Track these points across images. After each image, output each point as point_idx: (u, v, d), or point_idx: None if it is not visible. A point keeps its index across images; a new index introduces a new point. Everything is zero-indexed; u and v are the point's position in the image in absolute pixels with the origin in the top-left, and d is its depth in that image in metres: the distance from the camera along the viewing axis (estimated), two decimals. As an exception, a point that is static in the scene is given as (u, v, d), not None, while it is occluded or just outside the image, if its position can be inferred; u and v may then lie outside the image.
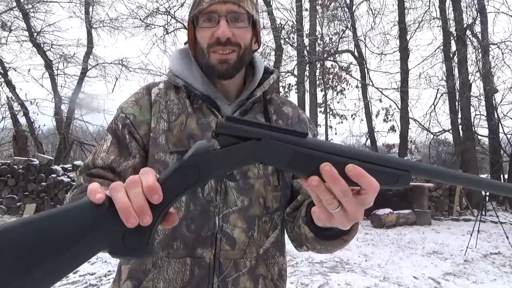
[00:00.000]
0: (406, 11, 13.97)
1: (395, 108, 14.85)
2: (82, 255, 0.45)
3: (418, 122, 14.57)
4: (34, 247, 0.42)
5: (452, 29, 13.11)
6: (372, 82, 15.25)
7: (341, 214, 0.53)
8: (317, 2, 13.92)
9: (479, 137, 14.17)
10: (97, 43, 19.00)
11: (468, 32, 12.83)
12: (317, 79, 14.57)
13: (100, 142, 0.91)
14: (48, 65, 13.39)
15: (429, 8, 14.03)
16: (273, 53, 13.96)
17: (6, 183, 10.16)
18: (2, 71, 12.93)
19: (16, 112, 12.85)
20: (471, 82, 12.91)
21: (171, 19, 13.58)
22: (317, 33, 14.12)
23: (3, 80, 12.87)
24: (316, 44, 14.10)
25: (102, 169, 0.84)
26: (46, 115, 13.78)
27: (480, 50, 12.73)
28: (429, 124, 14.71)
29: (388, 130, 15.30)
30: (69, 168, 10.56)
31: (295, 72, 13.87)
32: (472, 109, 13.08)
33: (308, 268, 4.87)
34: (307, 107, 13.80)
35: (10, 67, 13.13)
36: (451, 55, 13.21)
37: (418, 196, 9.25)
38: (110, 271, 4.60)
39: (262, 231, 0.88)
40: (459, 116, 12.74)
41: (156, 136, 0.88)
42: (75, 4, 13.98)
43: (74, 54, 14.13)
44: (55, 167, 10.33)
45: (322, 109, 15.73)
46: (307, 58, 13.10)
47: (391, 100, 14.90)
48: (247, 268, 0.86)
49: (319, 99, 15.18)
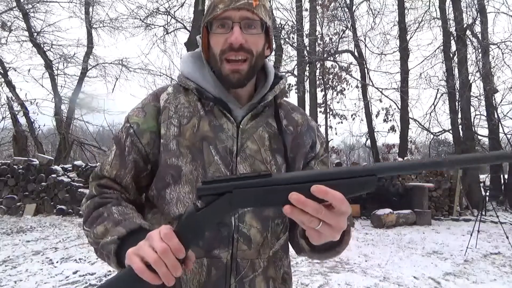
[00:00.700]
0: (406, 11, 13.98)
1: (395, 108, 14.87)
2: None
3: (418, 122, 14.58)
4: None
5: (452, 29, 13.11)
6: (372, 82, 15.26)
7: (326, 228, 0.59)
8: (317, 2, 13.92)
9: (479, 137, 14.18)
10: (97, 43, 19.03)
11: (468, 32, 12.84)
12: (317, 79, 14.57)
13: (108, 151, 0.94)
14: (48, 65, 13.39)
15: (429, 8, 14.05)
16: (273, 53, 13.95)
17: (6, 183, 10.17)
18: (2, 71, 12.94)
19: (16, 112, 12.86)
20: (471, 82, 12.91)
21: (171, 19, 13.60)
22: (317, 33, 14.12)
23: (3, 80, 12.88)
24: (316, 44, 14.10)
25: (109, 179, 0.89)
26: (46, 115, 13.79)
27: (480, 50, 12.73)
28: (429, 124, 14.73)
29: (388, 130, 15.31)
30: (69, 168, 10.56)
31: (295, 72, 13.87)
32: (472, 109, 13.09)
33: (308, 268, 4.87)
34: (307, 107, 13.80)
35: (10, 67, 13.14)
36: (451, 55, 13.21)
37: (418, 196, 9.25)
38: (110, 271, 4.60)
39: (274, 233, 0.90)
40: (459, 116, 12.74)
41: (167, 142, 0.88)
42: (75, 4, 14.00)
43: (74, 54, 14.16)
44: (55, 167, 10.34)
45: (322, 109, 15.72)
46: (307, 58, 13.10)
47: (391, 100, 14.91)
48: (262, 268, 0.87)
49: (319, 99, 15.19)
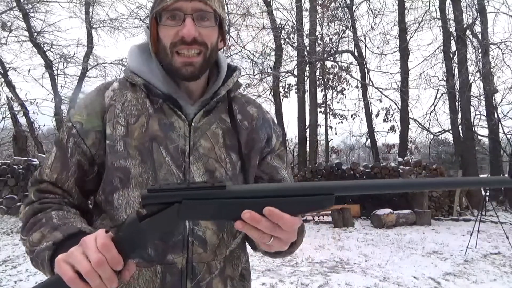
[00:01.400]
0: (406, 11, 13.99)
1: (395, 108, 14.88)
2: None
3: (418, 122, 14.59)
4: None
5: (452, 29, 13.12)
6: (372, 82, 15.27)
7: (276, 242, 0.58)
8: (317, 2, 13.93)
9: (479, 137, 14.18)
10: (97, 43, 19.03)
11: (468, 32, 12.84)
12: (317, 79, 14.58)
13: (47, 154, 0.88)
14: (48, 65, 13.39)
15: (429, 8, 14.06)
16: (273, 53, 13.97)
17: (6, 183, 10.18)
18: (2, 71, 12.94)
19: (16, 112, 12.86)
20: (471, 82, 12.92)
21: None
22: (317, 33, 14.14)
23: (3, 80, 12.87)
24: (316, 44, 14.11)
25: (50, 183, 0.83)
26: (46, 115, 13.81)
27: (480, 50, 12.73)
28: (429, 124, 14.74)
29: (388, 130, 15.32)
30: (69, 168, 10.55)
31: (295, 72, 13.88)
32: (472, 109, 13.11)
33: (308, 268, 4.87)
34: (307, 107, 13.81)
35: (10, 67, 13.14)
36: (451, 55, 13.22)
37: (418, 196, 9.25)
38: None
39: (230, 233, 0.86)
40: (459, 116, 12.74)
41: (114, 143, 0.82)
42: (75, 4, 13.98)
43: (74, 54, 14.14)
44: (55, 167, 10.32)
45: (322, 109, 15.74)
46: (307, 58, 13.10)
47: (391, 100, 14.93)
48: (218, 270, 0.84)
49: (319, 99, 15.20)
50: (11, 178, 10.20)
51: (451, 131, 13.60)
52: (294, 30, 13.54)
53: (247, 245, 0.94)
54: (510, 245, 5.75)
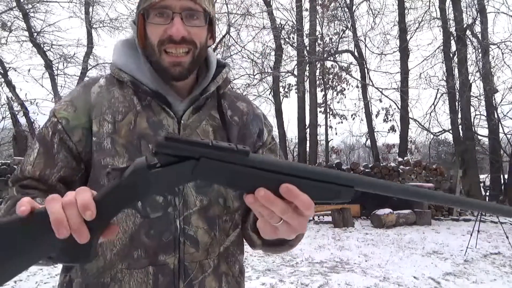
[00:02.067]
0: (406, 11, 13.99)
1: (395, 108, 14.88)
2: (21, 266, 0.49)
3: (418, 122, 14.59)
4: None
5: (452, 29, 13.12)
6: (372, 82, 15.26)
7: (284, 227, 0.54)
8: (317, 2, 13.93)
9: (479, 137, 14.18)
10: (97, 43, 19.03)
11: (468, 32, 12.85)
12: (317, 79, 14.58)
13: (28, 150, 0.83)
14: (48, 65, 13.38)
15: (429, 8, 14.05)
16: (273, 53, 13.97)
17: (6, 183, 10.16)
18: (2, 71, 12.94)
19: (16, 112, 12.85)
20: (471, 82, 12.92)
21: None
22: (317, 33, 14.13)
23: (3, 80, 12.87)
24: (316, 44, 14.11)
25: (33, 180, 0.79)
26: (46, 115, 13.73)
27: (480, 50, 12.74)
28: (429, 124, 14.73)
29: (388, 130, 15.32)
30: (69, 168, 10.56)
31: (295, 72, 13.88)
32: (472, 109, 13.11)
33: (308, 268, 4.87)
34: (307, 107, 13.80)
35: (10, 67, 13.13)
36: (451, 55, 13.22)
37: (418, 196, 9.25)
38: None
39: (223, 230, 0.85)
40: (459, 116, 12.75)
41: (101, 140, 0.80)
42: (75, 4, 13.97)
43: (74, 54, 14.11)
44: (55, 167, 10.33)
45: (322, 109, 15.74)
46: (307, 58, 13.10)
47: (391, 100, 14.93)
48: (212, 268, 0.83)
49: (319, 99, 15.20)
50: (11, 178, 10.19)
51: (451, 131, 13.60)
52: (294, 30, 13.54)
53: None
54: (510, 245, 5.75)
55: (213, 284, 0.83)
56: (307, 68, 13.61)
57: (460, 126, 12.75)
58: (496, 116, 13.03)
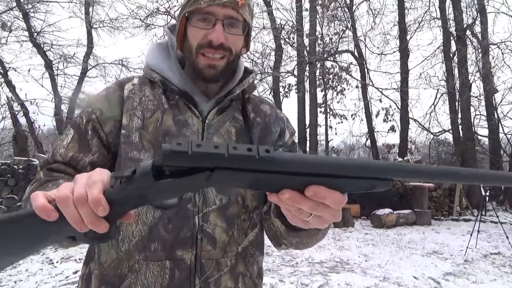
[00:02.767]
0: (406, 11, 13.99)
1: (395, 108, 14.87)
2: (47, 244, 0.52)
3: (418, 122, 14.59)
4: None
5: (452, 29, 13.12)
6: (372, 82, 15.26)
7: (316, 219, 0.52)
8: (317, 2, 13.92)
9: (479, 137, 14.18)
10: (97, 43, 18.99)
11: (468, 32, 12.84)
12: (317, 79, 14.57)
13: (62, 136, 0.87)
14: (48, 65, 13.38)
15: (429, 8, 14.06)
16: (273, 53, 13.97)
17: (6, 183, 10.16)
18: (2, 71, 12.93)
19: (16, 112, 12.85)
20: (471, 82, 12.92)
21: (171, 19, 13.59)
22: (317, 33, 14.12)
23: (3, 80, 12.87)
24: (316, 44, 14.10)
25: (62, 164, 0.81)
26: (46, 115, 13.78)
27: (480, 50, 12.74)
28: (429, 124, 14.74)
29: (388, 130, 15.31)
30: (69, 168, 10.54)
31: (295, 72, 13.88)
32: (472, 109, 13.10)
33: (308, 268, 4.87)
34: (307, 107, 13.80)
35: (10, 67, 13.13)
36: (451, 55, 13.22)
37: (418, 196, 9.25)
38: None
39: (241, 230, 0.86)
40: (459, 116, 12.74)
41: (129, 133, 0.84)
42: (75, 4, 13.97)
43: (74, 54, 14.12)
44: (55, 167, 10.32)
45: (322, 109, 15.72)
46: (307, 58, 13.10)
47: (391, 100, 14.93)
48: (228, 267, 0.84)
49: (319, 99, 15.18)
50: (11, 178, 10.19)
51: (451, 131, 13.59)
52: (294, 30, 13.53)
53: (271, 244, 0.91)
54: (510, 245, 5.75)
55: (229, 283, 0.84)
56: (307, 68, 13.61)
57: (460, 126, 12.75)
58: (496, 116, 13.03)
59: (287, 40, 13.84)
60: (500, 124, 13.16)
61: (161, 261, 0.79)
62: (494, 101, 13.05)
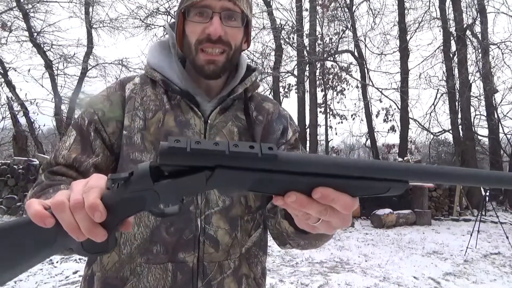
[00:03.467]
0: (406, 11, 13.98)
1: (395, 108, 14.87)
2: (45, 257, 0.49)
3: (418, 122, 14.59)
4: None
5: (452, 29, 13.12)
6: (372, 82, 15.26)
7: (324, 225, 0.50)
8: (317, 2, 13.92)
9: (479, 137, 14.18)
10: (97, 43, 19.02)
11: (468, 32, 12.84)
12: (317, 79, 14.56)
13: (64, 138, 0.86)
14: (48, 65, 13.38)
15: (429, 8, 14.05)
16: (273, 53, 13.96)
17: (6, 183, 10.16)
18: (2, 71, 12.93)
19: (16, 112, 12.85)
20: (471, 82, 12.92)
21: (171, 19, 13.60)
22: (317, 33, 14.12)
23: (3, 80, 12.87)
24: (316, 44, 14.10)
25: (64, 166, 0.80)
26: (46, 115, 13.78)
27: (480, 50, 12.74)
28: (429, 124, 14.73)
29: (388, 130, 15.31)
30: (69, 168, 10.53)
31: (295, 72, 13.88)
32: (472, 109, 13.10)
33: (308, 268, 4.87)
34: (307, 107, 13.80)
35: (10, 67, 13.13)
36: (451, 55, 13.21)
37: (418, 196, 9.25)
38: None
39: (245, 231, 0.85)
40: (459, 116, 12.74)
41: (131, 134, 0.83)
42: (75, 4, 13.98)
43: (74, 54, 14.12)
44: (55, 167, 10.31)
45: (322, 109, 15.72)
46: (307, 58, 13.10)
47: (391, 100, 14.92)
48: (232, 269, 0.83)
49: (319, 99, 15.17)
50: (11, 178, 10.18)
51: (451, 131, 13.59)
52: (294, 30, 13.53)
53: (274, 243, 0.91)
54: (510, 245, 5.75)
55: (232, 285, 0.83)
56: (307, 68, 13.61)
57: (460, 126, 12.75)
58: (496, 116, 13.03)
59: (287, 40, 13.84)
60: (500, 124, 13.16)
61: (163, 264, 0.79)
62: (494, 101, 13.05)
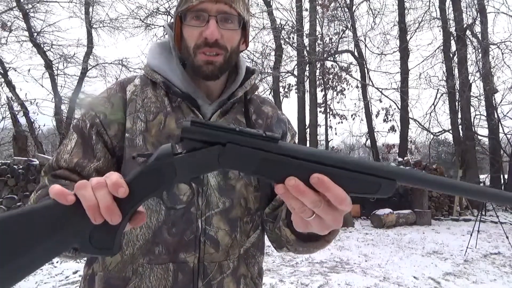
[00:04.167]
0: (406, 11, 13.99)
1: (395, 108, 14.88)
2: (49, 253, 0.47)
3: (418, 122, 14.59)
4: (4, 244, 0.45)
5: (452, 29, 13.13)
6: (372, 82, 15.27)
7: (317, 222, 0.52)
8: (317, 2, 13.92)
9: (479, 137, 14.18)
10: (97, 43, 19.00)
11: (468, 32, 12.85)
12: (317, 79, 14.57)
13: (65, 141, 0.85)
14: (48, 65, 13.38)
15: (429, 8, 14.06)
16: (273, 53, 13.97)
17: (6, 183, 10.15)
18: (2, 71, 12.93)
19: (16, 112, 12.85)
20: (471, 82, 12.93)
21: (171, 19, 13.57)
22: (317, 33, 14.13)
23: (3, 80, 12.87)
24: (316, 44, 14.10)
25: (67, 170, 0.80)
26: (46, 115, 13.78)
27: (480, 50, 12.74)
28: (429, 124, 14.74)
29: (388, 130, 15.31)
30: (69, 168, 10.53)
31: (295, 72, 13.88)
32: (472, 109, 13.12)
33: (308, 268, 4.87)
34: (307, 107, 13.80)
35: (10, 67, 13.13)
36: (451, 55, 13.22)
37: (418, 196, 9.25)
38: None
39: (244, 232, 0.87)
40: (459, 116, 12.75)
41: (133, 137, 0.83)
42: (75, 4, 13.97)
43: (74, 54, 14.12)
44: (55, 167, 10.31)
45: (322, 109, 15.72)
46: (307, 58, 13.10)
47: (391, 100, 14.94)
48: (231, 269, 0.84)
49: (319, 99, 15.18)
50: (11, 178, 10.17)
51: (451, 131, 13.60)
52: (294, 30, 13.53)
53: (271, 246, 0.93)
54: (510, 245, 5.75)
55: (231, 285, 0.84)
56: (307, 68, 13.61)
57: (460, 126, 12.76)
58: (496, 116, 13.04)
59: (287, 40, 13.84)
60: (500, 124, 13.17)
61: (164, 264, 0.80)
62: (494, 101, 13.06)
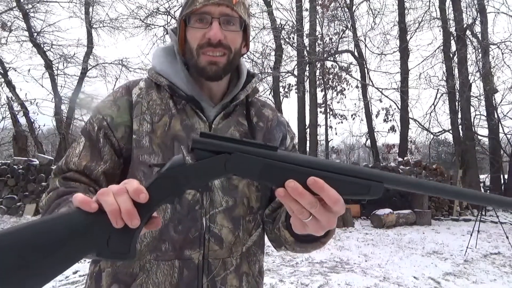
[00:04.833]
0: (406, 11, 14.00)
1: (395, 108, 14.88)
2: (71, 258, 0.50)
3: (418, 122, 14.59)
4: (29, 250, 0.47)
5: (452, 29, 13.13)
6: (372, 82, 15.27)
7: (313, 223, 0.57)
8: (317, 2, 13.93)
9: (479, 137, 14.18)
10: (97, 43, 19.00)
11: (468, 32, 12.85)
12: (317, 79, 14.57)
13: (73, 144, 0.89)
14: (48, 65, 13.40)
15: (429, 8, 14.06)
16: (273, 53, 13.97)
17: (6, 183, 10.16)
18: (2, 71, 12.94)
19: (16, 112, 12.87)
20: (471, 82, 12.93)
21: (171, 19, 13.59)
22: (317, 33, 14.13)
23: (3, 80, 12.88)
24: (316, 44, 14.11)
25: (76, 172, 0.84)
26: (46, 115, 13.80)
27: (480, 50, 12.74)
28: (429, 124, 14.74)
29: (388, 130, 15.32)
30: (69, 168, 10.53)
31: (295, 72, 13.88)
32: (472, 109, 13.12)
33: (308, 268, 4.87)
34: (307, 107, 13.80)
35: (10, 67, 13.14)
36: (451, 55, 13.22)
37: (418, 196, 9.25)
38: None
39: (246, 230, 0.90)
40: (459, 116, 12.75)
41: (140, 138, 0.87)
42: (75, 4, 14.00)
43: (74, 54, 14.15)
44: (55, 167, 10.32)
45: (322, 109, 15.73)
46: (307, 58, 13.10)
47: (391, 100, 14.94)
48: (234, 266, 0.88)
49: (319, 99, 15.19)
50: (11, 178, 10.18)
51: (451, 131, 13.60)
52: (294, 30, 13.53)
53: (271, 245, 0.96)
54: (510, 245, 5.75)
55: (234, 282, 0.87)
56: (307, 68, 13.61)
57: (460, 126, 12.76)
58: (496, 116, 13.04)
59: (287, 40, 13.85)
60: (500, 124, 13.17)
61: (171, 260, 0.83)
62: (494, 101, 13.06)
